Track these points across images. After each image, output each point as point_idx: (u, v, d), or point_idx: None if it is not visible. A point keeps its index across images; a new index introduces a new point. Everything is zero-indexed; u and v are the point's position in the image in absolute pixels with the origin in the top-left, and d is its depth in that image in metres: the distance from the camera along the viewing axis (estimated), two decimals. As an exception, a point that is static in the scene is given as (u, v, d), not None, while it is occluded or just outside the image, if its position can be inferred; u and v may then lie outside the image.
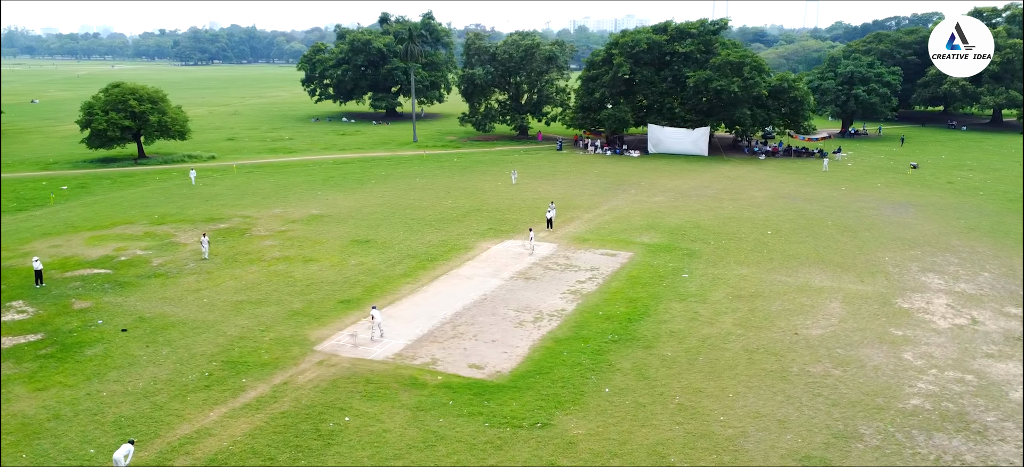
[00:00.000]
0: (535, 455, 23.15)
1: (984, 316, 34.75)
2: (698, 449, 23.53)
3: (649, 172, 73.23)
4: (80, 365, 29.61)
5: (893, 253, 44.96)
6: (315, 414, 25.62)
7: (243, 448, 23.48)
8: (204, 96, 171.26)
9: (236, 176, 71.22)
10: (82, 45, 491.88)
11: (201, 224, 52.17)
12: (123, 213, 55.73)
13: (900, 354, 30.52)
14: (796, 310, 35.43)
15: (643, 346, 31.26)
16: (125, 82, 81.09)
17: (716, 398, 26.81)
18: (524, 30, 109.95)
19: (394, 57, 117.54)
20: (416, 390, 27.34)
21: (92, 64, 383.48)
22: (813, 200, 60.08)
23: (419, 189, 64.73)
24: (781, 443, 23.90)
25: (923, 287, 38.85)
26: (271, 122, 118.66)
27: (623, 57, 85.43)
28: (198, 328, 33.36)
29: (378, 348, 31.07)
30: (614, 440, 24.02)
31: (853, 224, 51.99)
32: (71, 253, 45.23)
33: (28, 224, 52.71)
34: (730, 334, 32.49)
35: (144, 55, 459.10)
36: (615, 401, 26.59)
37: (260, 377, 28.50)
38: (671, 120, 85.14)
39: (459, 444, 23.75)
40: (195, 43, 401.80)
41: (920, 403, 26.44)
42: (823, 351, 30.73)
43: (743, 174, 72.01)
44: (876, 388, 27.51)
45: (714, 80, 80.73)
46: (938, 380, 28.18)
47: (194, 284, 39.43)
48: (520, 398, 26.75)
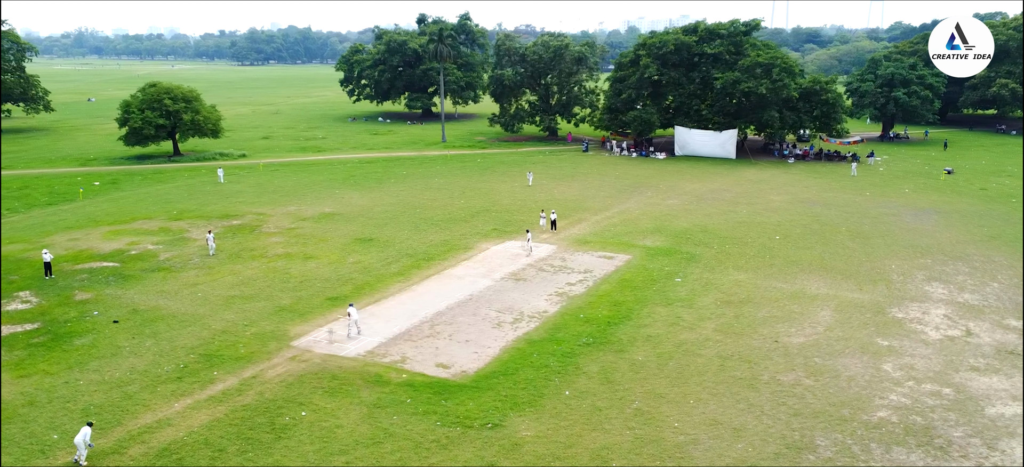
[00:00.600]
0: (478, 455, 23.24)
1: (980, 328, 33.52)
2: (643, 455, 23.31)
3: (670, 175, 72.41)
4: (66, 354, 30.78)
5: (901, 261, 43.63)
6: (274, 408, 26.17)
7: (197, 439, 24.14)
8: (251, 95, 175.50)
9: (261, 174, 72.87)
10: (146, 46, 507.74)
11: (216, 220, 53.58)
12: (145, 209, 57.59)
13: (879, 365, 29.67)
14: (783, 317, 34.71)
15: (616, 350, 31.04)
16: (161, 82, 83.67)
17: (676, 404, 26.49)
18: (556, 31, 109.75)
19: (429, 58, 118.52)
20: (378, 387, 27.69)
21: (154, 64, 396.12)
22: (833, 205, 58.64)
23: (435, 189, 65.27)
24: (730, 451, 23.52)
25: (924, 296, 37.64)
26: (309, 121, 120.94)
27: (650, 58, 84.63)
28: (186, 321, 34.34)
29: (352, 345, 31.54)
30: (561, 443, 23.95)
31: (868, 230, 50.59)
32: (86, 246, 46.95)
33: (53, 218, 54.90)
34: (708, 340, 32.02)
35: (204, 55, 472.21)
36: (572, 404, 26.49)
37: (231, 370, 29.22)
38: (698, 122, 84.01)
39: (406, 442, 23.99)
40: (251, 44, 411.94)
41: (887, 416, 25.69)
42: (800, 360, 30.07)
43: (767, 178, 70.65)
44: (845, 399, 26.82)
45: (742, 82, 79.38)
46: (913, 393, 27.33)
47: (193, 279, 40.56)
48: (478, 398, 26.86)
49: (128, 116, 79.28)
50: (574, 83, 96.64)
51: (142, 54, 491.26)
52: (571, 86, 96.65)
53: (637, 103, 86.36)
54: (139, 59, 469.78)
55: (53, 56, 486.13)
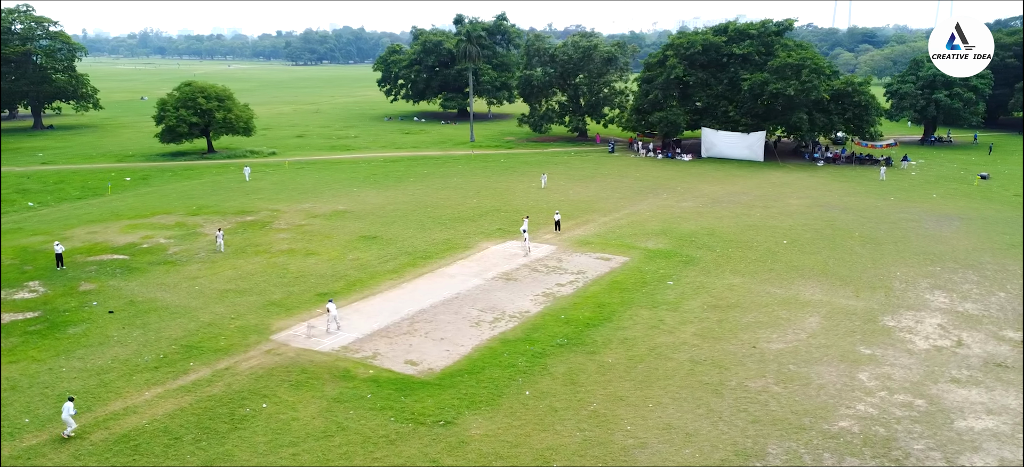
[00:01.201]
0: (422, 452, 23.48)
1: (973, 339, 32.38)
2: (587, 457, 23.23)
3: (692, 177, 71.51)
4: (58, 342, 32.07)
5: (908, 268, 42.36)
6: (238, 399, 26.84)
7: (157, 427, 24.93)
8: (297, 95, 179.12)
9: (286, 172, 74.42)
10: (206, 46, 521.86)
11: (231, 216, 55.00)
12: (167, 204, 59.44)
13: (855, 374, 28.94)
14: (768, 323, 34.08)
15: (588, 351, 30.94)
16: (196, 81, 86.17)
17: (634, 407, 26.30)
18: (589, 31, 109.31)
19: (460, 58, 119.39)
20: (343, 382, 28.16)
21: (213, 64, 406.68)
22: (852, 210, 57.17)
23: (451, 188, 65.75)
24: (677, 457, 23.27)
25: (922, 305, 36.50)
26: (346, 121, 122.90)
27: (677, 59, 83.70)
28: (177, 313, 35.41)
29: (329, 340, 32.12)
30: (508, 443, 24.03)
31: (881, 236, 49.23)
32: (103, 239, 48.72)
33: (78, 211, 57.09)
34: (684, 344, 31.66)
35: (261, 55, 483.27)
36: (530, 404, 26.53)
37: (207, 362, 30.06)
38: (726, 124, 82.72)
39: (356, 436, 24.37)
40: (305, 44, 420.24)
41: (849, 425, 25.07)
42: (773, 366, 29.51)
43: (790, 181, 69.22)
44: (810, 407, 26.25)
45: (771, 83, 77.91)
46: (882, 403, 26.59)
47: (195, 272, 41.76)
48: (438, 396, 27.10)
49: (164, 114, 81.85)
50: (603, 84, 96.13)
51: (202, 54, 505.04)
52: (600, 86, 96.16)
53: (664, 104, 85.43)
54: (199, 59, 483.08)
55: (119, 56, 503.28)
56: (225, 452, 23.49)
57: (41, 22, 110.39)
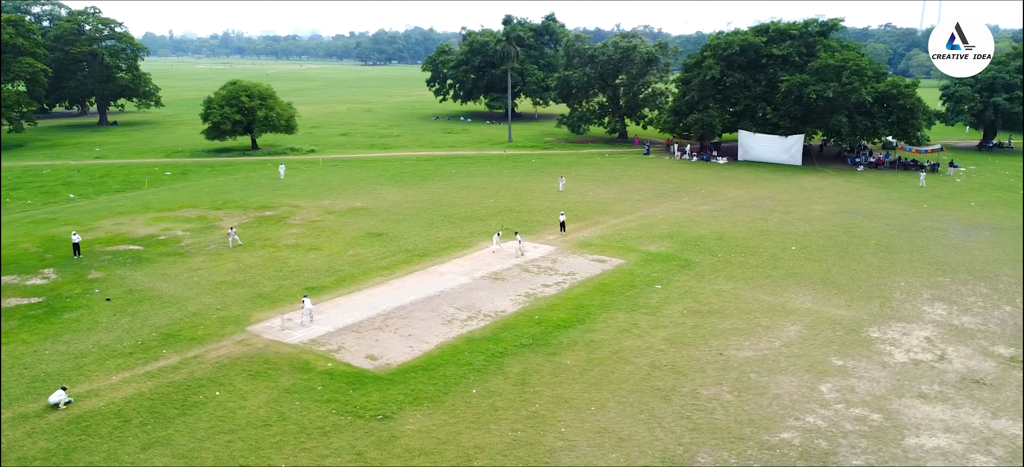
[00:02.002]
0: (350, 444, 23.92)
1: (959, 353, 30.91)
2: (509, 457, 23.26)
3: (720, 180, 70.09)
4: (50, 326, 33.83)
5: (915, 278, 40.65)
6: (195, 387, 27.84)
7: (111, 409, 26.10)
8: (356, 94, 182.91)
9: (318, 169, 76.23)
10: (283, 46, 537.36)
11: (252, 211, 56.79)
12: (196, 198, 61.74)
13: (818, 385, 28.04)
14: (745, 330, 33.29)
15: (549, 353, 30.86)
16: (241, 80, 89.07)
17: (576, 410, 26.15)
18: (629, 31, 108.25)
19: (518, 58, 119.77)
20: (300, 374, 28.87)
21: (287, 64, 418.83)
22: (877, 216, 55.10)
23: (473, 188, 66.19)
24: (602, 460, 23.07)
25: (916, 317, 35.02)
26: (394, 120, 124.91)
27: (714, 59, 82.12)
28: (168, 303, 36.87)
29: (301, 333, 32.92)
30: (437, 439, 24.25)
31: (898, 244, 47.34)
32: (125, 230, 51.01)
33: (111, 203, 59.88)
34: (649, 349, 31.24)
35: (334, 55, 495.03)
36: (473, 403, 26.67)
37: (180, 349, 31.24)
38: (763, 126, 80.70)
39: (292, 426, 24.98)
40: (374, 44, 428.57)
41: (791, 437, 24.35)
42: (734, 374, 28.85)
43: (824, 186, 67.10)
44: (756, 417, 25.60)
45: (809, 85, 75.69)
46: (836, 416, 25.71)
47: (199, 264, 43.33)
48: (386, 390, 27.52)
49: (209, 112, 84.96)
50: (642, 85, 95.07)
51: (279, 54, 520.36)
52: (640, 88, 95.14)
53: (700, 106, 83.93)
54: (275, 59, 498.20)
55: (201, 56, 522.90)
56: (166, 436, 24.42)
57: (108, 23, 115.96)
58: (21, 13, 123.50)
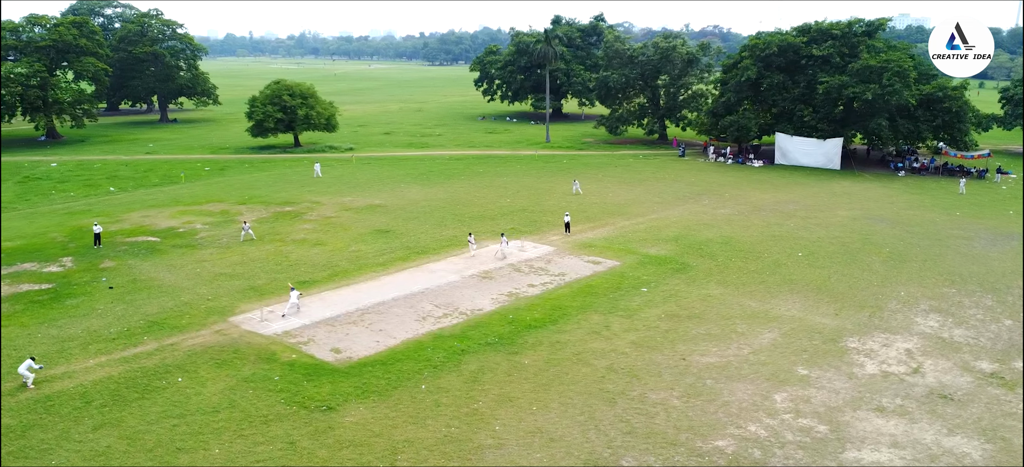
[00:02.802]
0: (286, 433, 24.65)
1: (936, 367, 29.70)
2: (436, 452, 23.58)
3: (749, 183, 68.62)
4: (51, 311, 35.80)
5: (919, 288, 39.12)
6: (162, 373, 29.09)
7: (78, 391, 27.53)
8: (413, 93, 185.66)
9: (350, 166, 77.90)
10: (355, 47, 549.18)
11: (274, 206, 58.59)
12: (224, 193, 64.03)
13: (774, 393, 27.41)
14: (718, 336, 32.73)
15: (511, 352, 31.03)
16: (284, 79, 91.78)
17: (518, 409, 26.28)
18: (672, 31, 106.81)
19: (556, 59, 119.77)
20: (263, 364, 29.83)
21: (357, 64, 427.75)
22: (901, 224, 53.10)
23: (494, 187, 66.57)
24: (524, 459, 23.18)
25: (904, 328, 33.75)
26: (441, 119, 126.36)
27: (751, 60, 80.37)
28: (164, 293, 38.51)
29: (278, 324, 33.94)
30: (371, 432, 24.76)
31: (914, 253, 45.57)
32: (149, 223, 53.36)
33: (146, 197, 62.67)
34: (612, 351, 31.06)
35: (404, 55, 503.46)
36: (419, 398, 27.09)
37: (160, 337, 32.65)
38: (801, 129, 78.52)
39: (238, 414, 25.89)
40: (441, 45, 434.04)
41: (725, 445, 23.94)
42: (690, 380, 28.46)
43: (855, 191, 64.94)
44: (697, 424, 25.23)
45: (848, 86, 73.32)
46: (780, 426, 25.11)
47: (206, 257, 45.04)
48: (338, 383, 28.19)
49: (253, 110, 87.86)
50: (682, 86, 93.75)
51: (351, 54, 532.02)
52: (680, 89, 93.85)
53: (736, 108, 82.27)
54: (347, 59, 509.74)
55: (278, 55, 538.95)
56: (119, 418, 25.65)
57: (170, 25, 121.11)
58: (95, 14, 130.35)
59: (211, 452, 23.54)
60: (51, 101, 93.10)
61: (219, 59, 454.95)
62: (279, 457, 23.25)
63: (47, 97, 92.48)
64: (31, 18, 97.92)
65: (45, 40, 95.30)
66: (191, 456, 23.33)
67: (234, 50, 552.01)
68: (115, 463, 23.00)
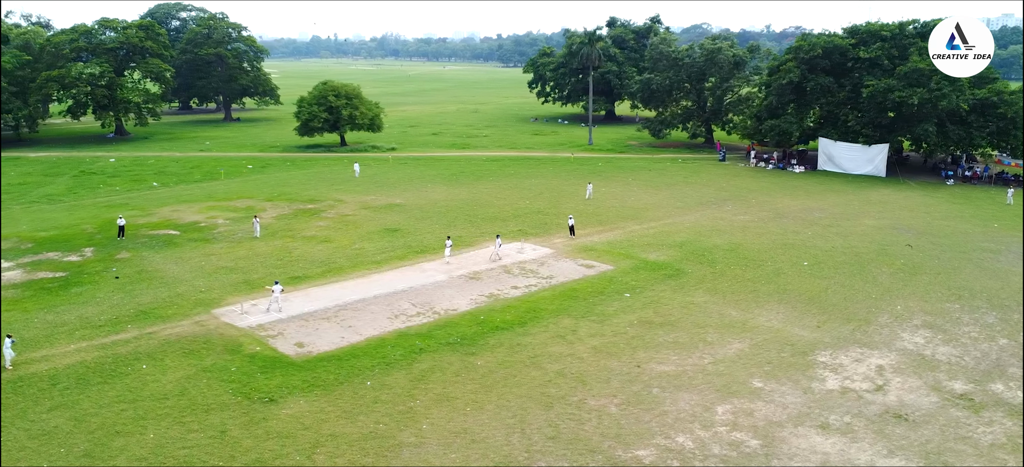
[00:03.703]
0: (221, 422, 25.52)
1: (903, 385, 28.35)
2: (355, 449, 24.00)
3: (781, 189, 66.61)
4: (55, 298, 37.97)
5: (919, 302, 37.33)
6: (131, 359, 30.51)
7: (49, 373, 29.15)
8: (475, 94, 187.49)
9: (386, 166, 79.36)
10: (434, 49, 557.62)
11: (298, 203, 60.37)
12: (256, 190, 66.31)
13: (718, 405, 26.74)
14: (684, 345, 32.09)
15: (468, 353, 31.23)
16: (331, 80, 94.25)
17: (452, 409, 26.47)
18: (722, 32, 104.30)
19: (609, 61, 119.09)
20: (226, 355, 30.92)
21: (433, 65, 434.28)
22: (930, 234, 50.64)
23: (519, 189, 66.70)
24: (440, 459, 23.37)
25: (885, 343, 32.31)
26: (494, 120, 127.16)
27: (795, 62, 77.93)
28: (163, 284, 40.30)
29: (253, 318, 35.09)
30: (301, 425, 25.39)
31: (929, 265, 43.47)
32: (174, 217, 55.81)
33: (181, 192, 65.52)
34: (569, 356, 30.87)
35: (480, 57, 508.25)
36: (361, 394, 27.60)
37: (144, 325, 34.22)
38: (846, 135, 75.66)
39: (184, 402, 26.95)
40: (516, 46, 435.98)
41: (645, 455, 23.55)
42: (636, 388, 28.05)
43: (892, 200, 62.21)
44: (625, 432, 24.88)
45: (895, 90, 70.28)
46: (711, 438, 24.51)
47: (215, 250, 46.84)
48: (290, 376, 28.99)
49: (301, 110, 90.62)
50: (727, 89, 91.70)
51: (429, 56, 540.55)
52: (725, 92, 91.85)
53: (779, 111, 79.93)
54: (425, 60, 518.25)
55: (359, 57, 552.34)
56: (75, 400, 27.06)
57: (235, 27, 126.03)
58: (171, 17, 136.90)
59: (146, 436, 24.60)
60: (119, 100, 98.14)
61: (304, 61, 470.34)
62: (205, 445, 24.11)
63: (114, 96, 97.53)
64: (103, 22, 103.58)
65: (114, 43, 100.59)
66: (126, 439, 24.44)
67: (318, 52, 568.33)
68: (57, 442, 24.28)
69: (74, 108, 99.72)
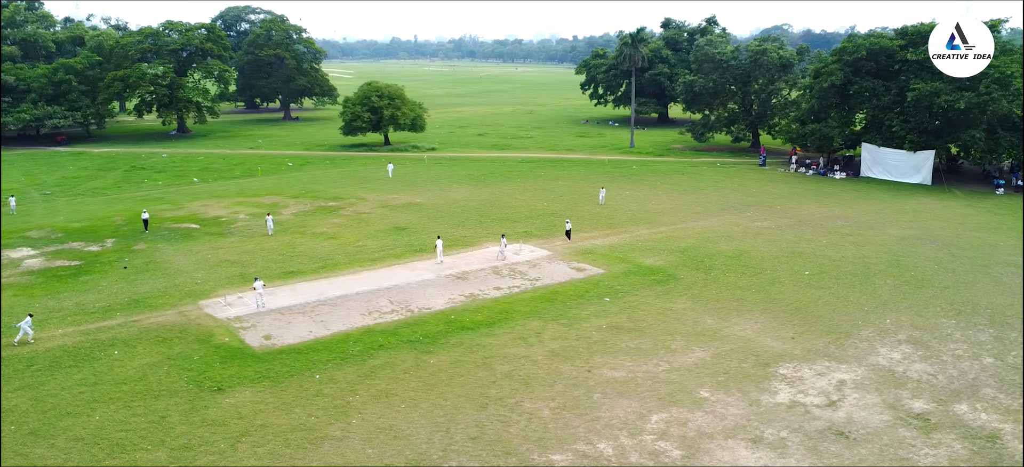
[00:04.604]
0: (164, 408, 26.63)
1: (858, 403, 27.21)
2: (279, 439, 24.68)
3: (811, 196, 64.40)
4: (63, 286, 40.25)
5: (910, 317, 35.63)
6: (108, 345, 32.12)
7: (29, 356, 31.01)
8: (536, 96, 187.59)
9: (421, 165, 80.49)
10: (509, 50, 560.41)
11: (320, 201, 61.98)
12: (286, 187, 68.38)
13: (654, 414, 26.30)
14: (646, 351, 31.61)
15: (424, 351, 31.60)
16: (376, 80, 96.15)
17: (388, 405, 26.90)
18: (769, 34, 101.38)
19: (661, 62, 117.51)
20: (196, 345, 32.19)
21: (506, 67, 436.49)
22: (953, 246, 48.13)
23: (539, 191, 66.61)
24: (356, 456, 23.80)
25: (856, 358, 31.03)
26: (544, 122, 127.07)
27: (838, 64, 75.17)
28: (165, 274, 42.17)
29: (232, 310, 36.36)
30: (238, 414, 26.25)
31: (937, 279, 41.37)
32: (200, 211, 58.16)
33: (217, 188, 68.17)
34: (523, 358, 30.86)
35: (554, 59, 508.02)
36: (305, 387, 28.32)
37: (131, 314, 35.93)
38: (890, 140, 72.49)
39: (140, 387, 28.23)
40: (589, 48, 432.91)
41: (561, 459, 23.43)
42: (578, 393, 27.85)
43: (927, 209, 59.30)
44: (549, 436, 24.77)
45: (941, 94, 66.99)
46: (635, 446, 24.16)
47: (226, 244, 48.66)
48: (247, 367, 29.98)
49: (345, 110, 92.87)
50: (771, 92, 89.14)
51: (504, 58, 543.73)
52: (769, 95, 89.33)
53: (821, 115, 77.23)
54: (500, 62, 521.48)
55: (437, 59, 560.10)
56: (43, 381, 28.71)
57: (296, 30, 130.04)
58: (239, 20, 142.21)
59: (92, 418, 25.92)
60: (180, 99, 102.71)
61: (382, 62, 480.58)
62: (142, 429, 25.21)
63: (176, 95, 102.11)
64: (168, 24, 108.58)
65: (177, 44, 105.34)
66: (73, 420, 25.81)
67: (397, 53, 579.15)
68: (11, 419, 25.82)
69: (139, 107, 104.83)
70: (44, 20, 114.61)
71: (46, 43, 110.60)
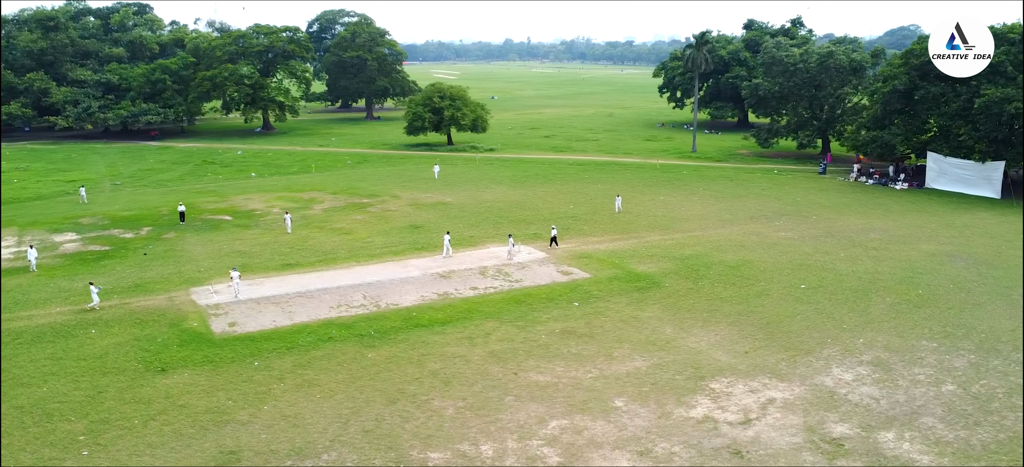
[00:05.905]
0: (107, 384, 28.72)
1: (779, 423, 26.06)
2: (189, 420, 26.17)
3: (855, 207, 61.04)
4: (85, 267, 43.79)
5: (890, 338, 33.53)
6: (89, 324, 34.85)
7: (17, 331, 34.06)
8: (625, 99, 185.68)
9: (471, 165, 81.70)
10: (619, 52, 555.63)
11: (356, 197, 64.21)
12: (331, 184, 71.14)
13: (555, 420, 26.17)
14: (587, 357, 31.34)
15: (368, 346, 32.53)
16: (441, 81, 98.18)
17: (305, 395, 27.98)
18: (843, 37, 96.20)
19: (739, 65, 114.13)
20: (167, 328, 34.41)
21: (609, 68, 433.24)
22: (985, 264, 44.67)
23: (573, 193, 66.32)
24: (251, 438, 24.94)
25: (802, 377, 29.60)
26: (619, 124, 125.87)
27: (904, 69, 70.80)
28: (177, 261, 45.09)
29: (216, 297, 38.53)
30: (166, 395, 27.98)
31: (946, 299, 38.61)
32: (240, 204, 61.50)
33: (267, 182, 71.78)
34: (458, 358, 31.26)
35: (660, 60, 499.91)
36: (241, 373, 29.82)
37: (127, 297, 38.76)
38: (957, 149, 67.68)
39: (95, 364, 30.54)
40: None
41: (438, 457, 23.82)
42: (493, 395, 28.04)
43: (978, 225, 55.05)
44: (441, 435, 25.16)
45: (1012, 101, 62.06)
46: (515, 449, 24.20)
47: (244, 236, 51.38)
48: (198, 350, 31.84)
49: (408, 111, 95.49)
50: (839, 96, 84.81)
51: (615, 59, 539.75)
52: (837, 100, 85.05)
53: (884, 121, 72.96)
54: (610, 63, 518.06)
55: (547, 60, 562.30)
56: (16, 354, 31.48)
57: (380, 32, 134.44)
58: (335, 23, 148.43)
59: (40, 390, 28.32)
60: (263, 98, 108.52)
61: (493, 63, 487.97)
62: (76, 401, 27.35)
63: (259, 95, 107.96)
64: (255, 27, 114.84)
65: (261, 46, 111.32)
66: (23, 389, 28.30)
67: (507, 55, 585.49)
68: (-26, 387, 28.58)
69: (226, 104, 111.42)
70: (150, 24, 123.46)
71: (150, 45, 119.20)
